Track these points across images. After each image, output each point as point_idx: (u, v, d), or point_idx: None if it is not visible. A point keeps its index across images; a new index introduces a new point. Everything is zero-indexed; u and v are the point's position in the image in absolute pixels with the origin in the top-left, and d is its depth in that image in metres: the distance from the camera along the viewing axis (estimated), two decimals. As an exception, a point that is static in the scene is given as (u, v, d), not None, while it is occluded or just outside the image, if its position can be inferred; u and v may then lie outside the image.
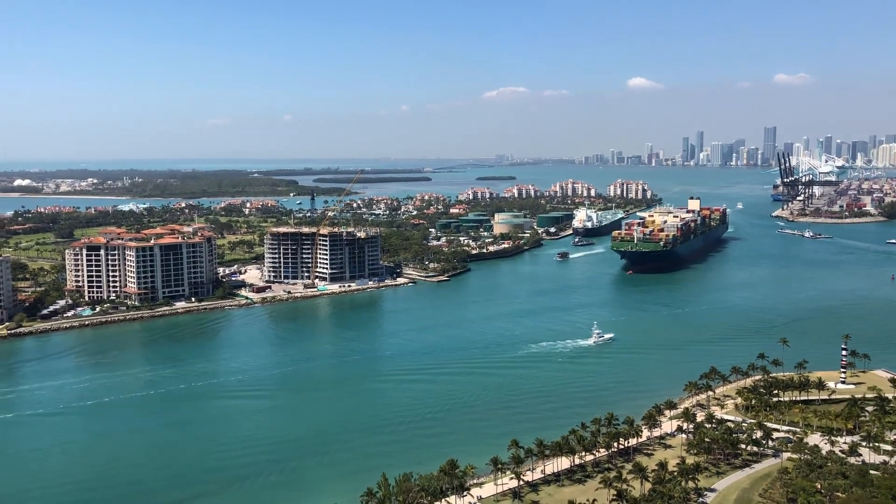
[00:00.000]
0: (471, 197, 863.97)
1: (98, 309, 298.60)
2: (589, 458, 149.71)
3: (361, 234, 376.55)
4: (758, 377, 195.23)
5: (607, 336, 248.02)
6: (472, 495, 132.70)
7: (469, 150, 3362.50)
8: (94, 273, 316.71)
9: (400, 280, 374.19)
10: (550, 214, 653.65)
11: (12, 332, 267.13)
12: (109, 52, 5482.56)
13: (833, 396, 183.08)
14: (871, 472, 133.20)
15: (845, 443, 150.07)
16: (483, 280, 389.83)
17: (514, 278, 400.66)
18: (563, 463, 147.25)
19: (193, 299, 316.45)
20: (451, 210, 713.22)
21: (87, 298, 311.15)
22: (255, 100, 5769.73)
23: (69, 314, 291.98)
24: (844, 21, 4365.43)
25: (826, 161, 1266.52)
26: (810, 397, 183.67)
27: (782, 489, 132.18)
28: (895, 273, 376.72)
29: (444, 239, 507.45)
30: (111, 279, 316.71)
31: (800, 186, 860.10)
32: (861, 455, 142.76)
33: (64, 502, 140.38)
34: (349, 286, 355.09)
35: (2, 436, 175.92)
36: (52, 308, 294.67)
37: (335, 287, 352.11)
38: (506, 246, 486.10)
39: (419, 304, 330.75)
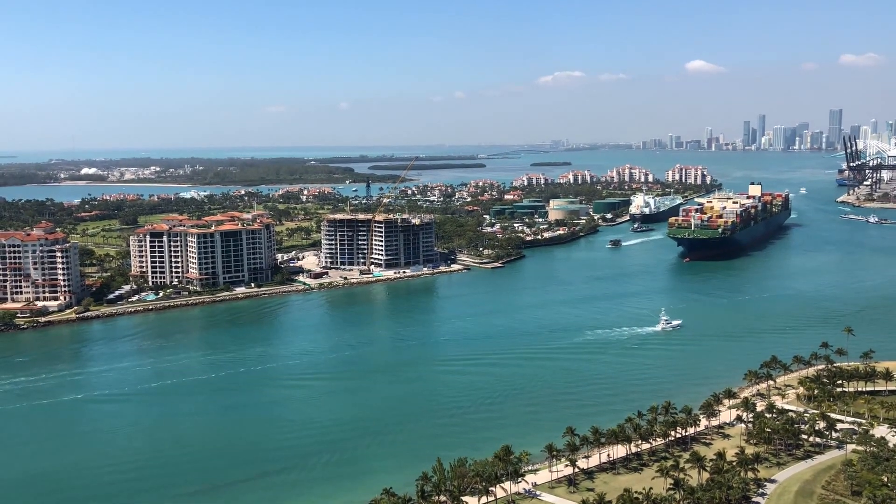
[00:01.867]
0: (525, 183, 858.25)
1: (161, 294, 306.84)
2: (645, 446, 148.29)
3: (416, 221, 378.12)
4: (821, 367, 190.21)
5: (675, 322, 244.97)
6: (526, 481, 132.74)
7: (524, 136, 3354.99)
8: (157, 259, 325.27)
9: (454, 266, 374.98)
10: (607, 200, 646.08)
11: (80, 315, 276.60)
12: (170, 42, 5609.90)
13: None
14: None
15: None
16: (538, 267, 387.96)
17: (570, 265, 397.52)
18: (619, 451, 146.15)
19: (253, 285, 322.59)
20: (506, 196, 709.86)
21: (150, 283, 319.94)
22: (312, 88, 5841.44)
23: (134, 299, 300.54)
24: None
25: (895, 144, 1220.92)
26: (877, 388, 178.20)
27: (846, 482, 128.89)
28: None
29: (498, 225, 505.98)
30: (174, 265, 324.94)
31: (867, 171, 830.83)
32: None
33: (131, 479, 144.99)
34: (404, 272, 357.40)
35: (72, 415, 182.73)
36: (117, 293, 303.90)
37: (390, 273, 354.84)
38: (561, 232, 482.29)
39: (474, 290, 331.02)
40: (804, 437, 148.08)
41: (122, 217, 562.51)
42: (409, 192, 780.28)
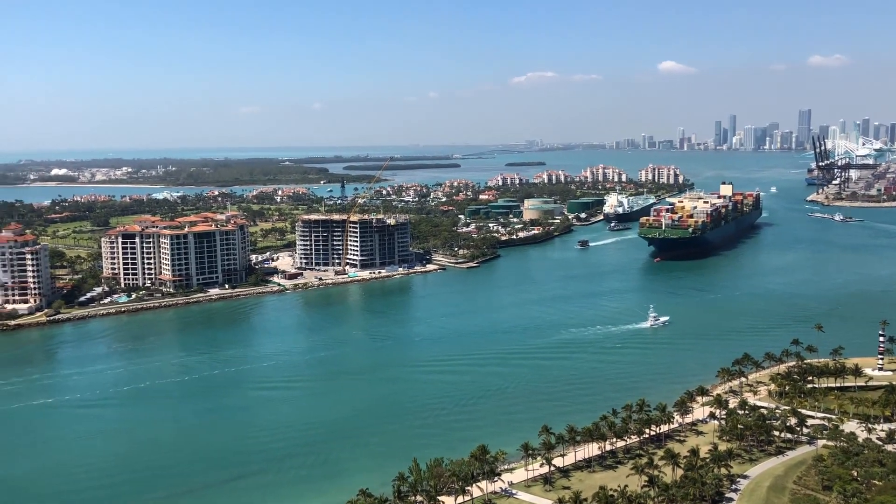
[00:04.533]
0: (500, 183, 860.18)
1: (134, 296, 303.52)
2: (620, 444, 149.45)
3: (391, 221, 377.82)
4: (792, 363, 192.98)
5: (664, 319, 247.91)
6: (502, 480, 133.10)
7: (498, 136, 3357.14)
8: (129, 260, 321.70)
9: (430, 266, 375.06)
10: (581, 200, 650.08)
11: (51, 318, 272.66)
12: (140, 41, 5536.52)
13: (870, 383, 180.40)
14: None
15: (882, 430, 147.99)
16: (513, 266, 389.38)
17: (545, 264, 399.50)
18: (594, 449, 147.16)
19: (227, 286, 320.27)
20: (481, 196, 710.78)
21: (122, 285, 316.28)
22: (285, 88, 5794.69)
23: (106, 301, 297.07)
24: (880, 0, 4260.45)
25: (863, 144, 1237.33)
26: (846, 384, 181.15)
27: (817, 476, 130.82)
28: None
29: (473, 225, 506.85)
30: (146, 266, 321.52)
31: (836, 170, 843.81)
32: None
33: (103, 484, 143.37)
34: (379, 273, 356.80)
35: (42, 420, 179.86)
36: (89, 295, 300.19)
37: (365, 273, 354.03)
38: (536, 232, 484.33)
39: (449, 290, 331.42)
40: (776, 433, 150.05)
41: (94, 218, 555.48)
42: (384, 192, 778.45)
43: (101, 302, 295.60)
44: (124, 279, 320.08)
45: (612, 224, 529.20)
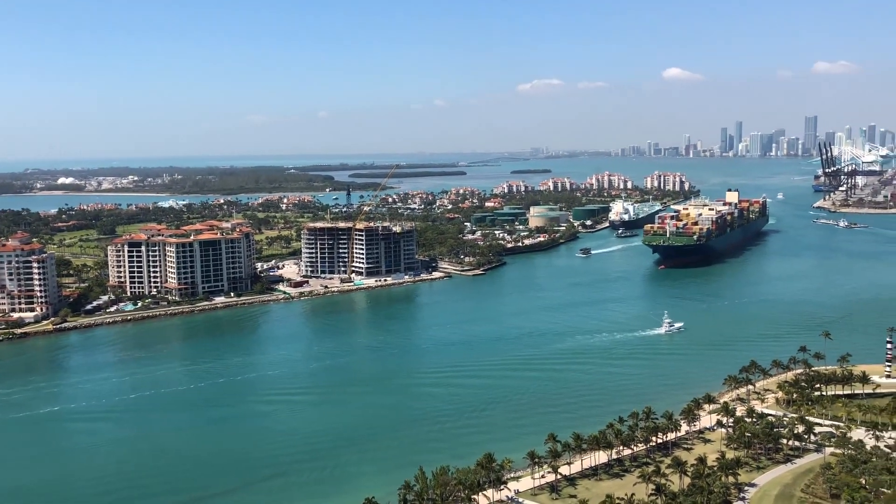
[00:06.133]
0: (506, 190, 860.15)
1: (140, 304, 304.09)
2: (627, 452, 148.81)
3: (397, 229, 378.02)
4: (799, 371, 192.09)
5: (678, 325, 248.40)
6: (509, 489, 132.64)
7: (504, 144, 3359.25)
8: (135, 269, 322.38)
9: (435, 274, 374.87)
10: (586, 207, 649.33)
11: (58, 326, 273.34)
12: (148, 50, 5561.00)
13: (878, 391, 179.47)
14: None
15: (891, 438, 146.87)
16: (519, 273, 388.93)
17: (550, 271, 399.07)
18: (601, 457, 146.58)
19: (232, 294, 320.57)
20: (487, 204, 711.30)
21: (129, 294, 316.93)
22: (292, 97, 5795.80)
23: (112, 309, 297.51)
24: (885, 6, 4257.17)
25: (869, 150, 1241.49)
26: (854, 391, 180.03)
27: (825, 484, 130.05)
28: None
29: (479, 233, 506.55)
30: (152, 275, 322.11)
31: (842, 176, 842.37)
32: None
33: (111, 491, 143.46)
34: (385, 280, 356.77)
35: (48, 429, 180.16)
36: (95, 303, 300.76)
37: (371, 281, 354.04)
38: (541, 239, 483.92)
39: (455, 297, 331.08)
40: (783, 440, 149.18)
41: (100, 227, 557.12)
42: (390, 199, 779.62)
43: (108, 310, 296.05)
44: (130, 287, 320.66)
45: (620, 231, 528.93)
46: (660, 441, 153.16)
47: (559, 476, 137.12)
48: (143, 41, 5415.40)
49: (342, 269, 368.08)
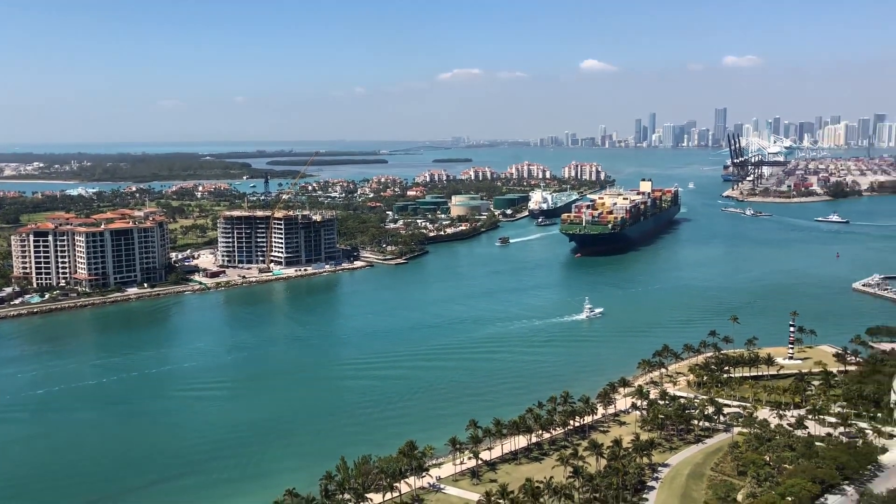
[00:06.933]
0: (427, 179, 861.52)
1: (47, 296, 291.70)
2: (546, 436, 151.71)
3: (317, 218, 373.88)
4: (709, 354, 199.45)
5: (598, 310, 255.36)
6: (430, 476, 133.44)
7: (425, 133, 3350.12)
8: (42, 259, 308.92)
9: (357, 263, 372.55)
10: (507, 196, 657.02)
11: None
12: (53, 31, 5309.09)
13: (781, 372, 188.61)
14: (817, 443, 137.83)
15: (792, 416, 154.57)
16: (441, 262, 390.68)
17: (471, 260, 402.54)
18: (521, 441, 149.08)
19: (146, 285, 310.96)
20: (408, 193, 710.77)
21: (35, 285, 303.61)
22: (206, 81, 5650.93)
23: (16, 301, 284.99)
24: (791, 4, 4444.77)
25: (774, 142, 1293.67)
26: (760, 373, 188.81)
27: (733, 462, 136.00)
28: (839, 251, 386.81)
29: (401, 222, 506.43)
30: (60, 265, 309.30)
31: (749, 167, 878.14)
32: (807, 428, 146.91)
33: (20, 493, 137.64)
34: (305, 270, 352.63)
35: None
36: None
37: (291, 271, 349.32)
38: (463, 228, 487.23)
39: (377, 287, 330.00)
40: (695, 421, 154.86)
41: (3, 215, 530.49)
42: (310, 188, 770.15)
43: (12, 303, 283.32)
44: (37, 279, 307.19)
45: (539, 220, 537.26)
46: (577, 424, 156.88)
47: (480, 461, 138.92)
48: (45, 20, 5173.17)
49: (260, 258, 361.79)
